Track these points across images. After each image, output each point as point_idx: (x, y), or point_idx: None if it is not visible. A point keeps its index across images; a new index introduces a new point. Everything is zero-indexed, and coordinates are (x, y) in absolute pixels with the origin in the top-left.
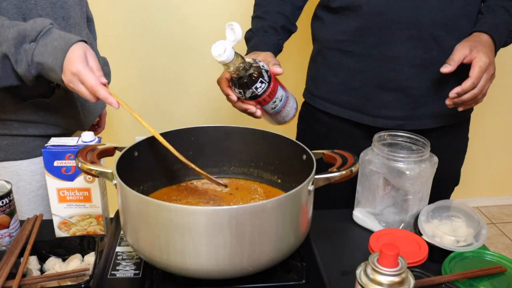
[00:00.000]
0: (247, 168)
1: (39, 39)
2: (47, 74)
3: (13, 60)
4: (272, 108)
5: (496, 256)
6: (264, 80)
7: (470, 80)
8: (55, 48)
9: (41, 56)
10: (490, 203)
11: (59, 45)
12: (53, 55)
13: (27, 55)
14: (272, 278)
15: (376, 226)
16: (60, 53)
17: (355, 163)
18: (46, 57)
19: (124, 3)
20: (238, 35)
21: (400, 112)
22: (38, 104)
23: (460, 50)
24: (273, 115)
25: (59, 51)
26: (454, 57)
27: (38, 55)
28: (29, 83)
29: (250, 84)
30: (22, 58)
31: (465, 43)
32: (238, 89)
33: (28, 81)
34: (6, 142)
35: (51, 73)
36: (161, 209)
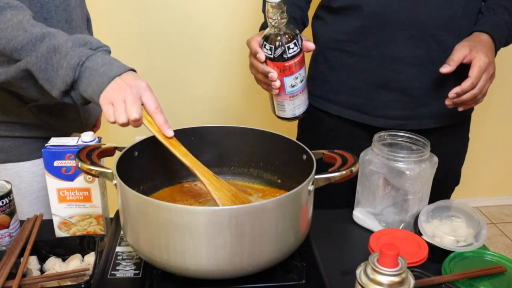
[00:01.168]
0: (247, 168)
1: (98, 51)
2: (86, 83)
3: (55, 60)
4: (291, 85)
5: (496, 256)
6: (298, 44)
7: (469, 80)
8: (112, 64)
9: (95, 62)
10: (490, 203)
11: (118, 64)
12: (109, 66)
13: (81, 57)
14: (272, 278)
15: (376, 226)
16: (117, 69)
17: (355, 163)
18: (100, 65)
19: (125, 3)
20: None
21: (400, 112)
22: (40, 107)
23: (460, 50)
24: (287, 98)
25: (117, 66)
26: (453, 57)
27: (92, 61)
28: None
29: (285, 42)
30: (71, 59)
31: (465, 43)
32: (270, 45)
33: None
34: (8, 144)
35: (94, 82)
36: (161, 209)
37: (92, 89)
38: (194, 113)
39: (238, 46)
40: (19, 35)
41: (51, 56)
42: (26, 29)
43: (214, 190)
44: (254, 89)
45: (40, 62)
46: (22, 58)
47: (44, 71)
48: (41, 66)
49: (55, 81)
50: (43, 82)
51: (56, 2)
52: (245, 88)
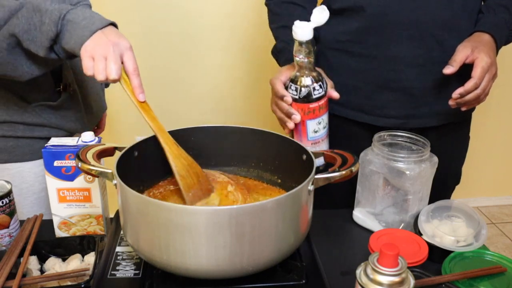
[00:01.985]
0: (247, 168)
1: (79, 5)
2: (68, 36)
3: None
4: (314, 130)
5: (496, 256)
6: (323, 87)
7: (472, 81)
8: (93, 17)
9: (76, 15)
10: (490, 203)
11: (99, 17)
12: (90, 19)
13: (62, 10)
14: (272, 278)
15: (376, 226)
16: (98, 22)
17: (355, 163)
18: (81, 18)
19: (125, 3)
20: (323, 20)
21: (401, 111)
22: (43, 108)
23: (462, 51)
24: (309, 144)
25: (98, 19)
26: (456, 58)
27: (73, 14)
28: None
29: (310, 83)
30: (52, 14)
31: (467, 44)
32: (295, 85)
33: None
34: (11, 144)
35: (75, 35)
36: (161, 209)
37: (74, 41)
38: (194, 113)
39: (238, 46)
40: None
41: (31, 16)
42: (3, 4)
43: (173, 157)
44: (254, 89)
45: (22, 23)
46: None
47: (27, 31)
48: (23, 27)
49: (40, 39)
50: (28, 43)
51: None
52: (245, 88)
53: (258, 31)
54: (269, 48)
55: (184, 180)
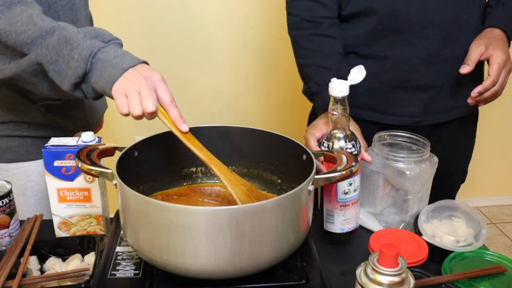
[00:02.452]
0: (247, 168)
1: (111, 43)
2: (98, 75)
3: (66, 52)
4: (344, 191)
5: (496, 256)
6: (356, 147)
7: (490, 78)
8: (125, 56)
9: (107, 54)
10: (490, 203)
11: (131, 56)
12: (121, 58)
13: (93, 48)
14: (272, 278)
15: (376, 226)
16: (130, 61)
17: (355, 163)
18: (112, 57)
19: (126, 3)
20: (360, 79)
21: (415, 109)
22: (48, 107)
23: (476, 49)
24: (338, 207)
25: (130, 58)
26: (471, 57)
27: (104, 53)
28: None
29: (343, 141)
30: (83, 50)
31: (480, 41)
32: (328, 142)
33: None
34: (16, 143)
35: (106, 73)
36: (161, 209)
37: (104, 81)
38: (194, 113)
39: (238, 46)
40: (29, 29)
41: (62, 48)
42: (35, 23)
43: (230, 185)
44: (255, 89)
45: (51, 53)
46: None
47: (55, 63)
48: (52, 58)
49: (66, 73)
50: (54, 74)
51: (63, 2)
52: (246, 88)
53: (258, 31)
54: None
55: None
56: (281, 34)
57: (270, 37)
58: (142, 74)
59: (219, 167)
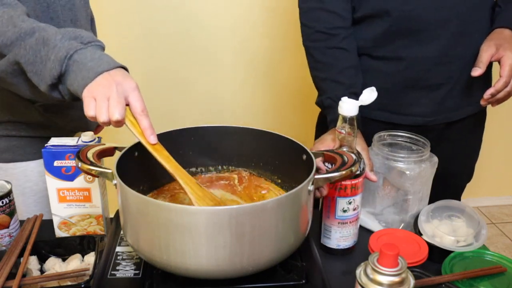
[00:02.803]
0: (247, 168)
1: (90, 45)
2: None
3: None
4: (342, 209)
5: (496, 256)
6: (360, 166)
7: (502, 80)
8: (101, 59)
9: (84, 56)
10: (490, 203)
11: (108, 60)
12: (97, 61)
13: (69, 50)
14: (272, 278)
15: (376, 226)
16: (106, 65)
17: (355, 163)
18: (89, 59)
19: (127, 4)
20: (370, 100)
21: (428, 108)
22: (46, 107)
23: (487, 51)
24: (335, 223)
25: (106, 62)
26: (482, 59)
27: (81, 55)
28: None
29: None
30: (59, 51)
31: (490, 42)
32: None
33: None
34: (14, 143)
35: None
36: (161, 209)
37: (78, 83)
38: (194, 113)
39: (238, 46)
40: (9, 30)
41: (39, 49)
42: (16, 24)
43: (196, 199)
44: (254, 89)
45: (28, 54)
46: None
47: (32, 63)
48: (29, 58)
49: (43, 74)
50: (32, 75)
51: (62, 2)
52: (246, 88)
53: (258, 32)
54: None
55: None
56: (281, 34)
57: (270, 37)
58: (115, 80)
59: (186, 179)
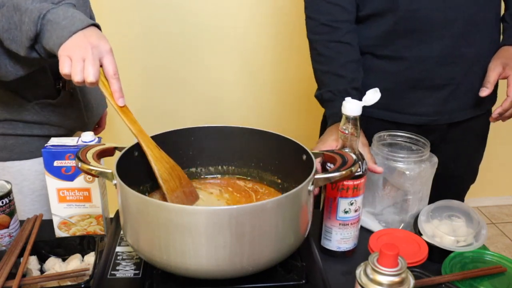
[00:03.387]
0: (247, 168)
1: (61, 4)
2: (48, 36)
3: (16, 18)
4: (344, 210)
5: (496, 256)
6: (361, 168)
7: (509, 100)
8: (74, 17)
9: (57, 15)
10: (490, 203)
11: (81, 17)
12: (71, 19)
13: (42, 10)
14: (272, 278)
15: (376, 226)
16: (79, 23)
17: (355, 163)
18: (62, 18)
19: (127, 2)
20: (374, 101)
21: (432, 108)
22: (43, 105)
23: (494, 70)
24: (336, 224)
25: (79, 20)
26: (489, 79)
27: (53, 14)
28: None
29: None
30: (32, 13)
31: (497, 61)
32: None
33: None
34: (11, 142)
35: (54, 35)
36: (161, 209)
37: (53, 42)
38: (194, 113)
39: (238, 46)
40: None
41: (11, 15)
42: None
43: (154, 161)
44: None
45: (2, 22)
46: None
47: (8, 30)
48: (3, 26)
49: (20, 38)
50: (9, 43)
51: None
52: (245, 88)
53: (258, 31)
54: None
55: (167, 183)
56: (282, 34)
57: (270, 37)
58: (90, 42)
59: (147, 142)
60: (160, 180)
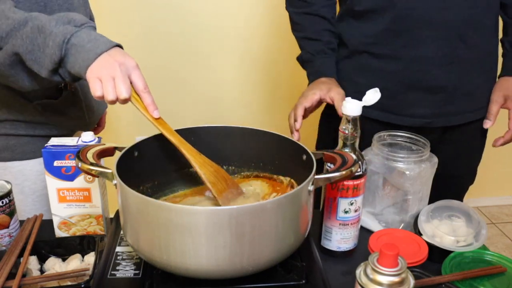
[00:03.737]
0: (247, 168)
1: (83, 27)
2: (73, 60)
3: (40, 40)
4: (344, 210)
5: (496, 256)
6: (361, 168)
7: (510, 132)
8: (98, 40)
9: (81, 39)
10: (490, 203)
11: (104, 40)
12: (95, 42)
13: (66, 34)
14: (272, 278)
15: (376, 226)
16: (103, 45)
17: (355, 163)
18: (86, 41)
19: (127, 2)
20: (374, 101)
21: (428, 110)
22: (45, 105)
23: (497, 102)
24: (336, 224)
25: (103, 42)
26: (492, 111)
27: (77, 38)
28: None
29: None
30: (56, 37)
31: (499, 93)
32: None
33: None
34: (13, 142)
35: (80, 58)
36: (161, 209)
37: (79, 65)
38: (194, 113)
39: (238, 46)
40: (2, 23)
41: (35, 37)
42: (8, 17)
43: (199, 166)
44: (255, 89)
45: (26, 43)
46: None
47: (31, 52)
48: (27, 47)
49: (43, 60)
50: (31, 63)
51: (60, 1)
52: (246, 88)
53: (259, 31)
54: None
55: (215, 186)
56: (281, 34)
57: (270, 37)
58: (116, 60)
59: (189, 150)
60: (209, 184)
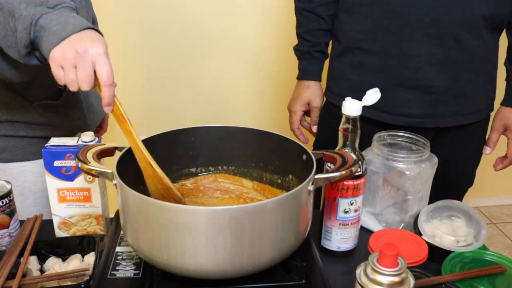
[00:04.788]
0: (247, 168)
1: (57, 8)
2: (41, 42)
3: (12, 24)
4: (344, 210)
5: (496, 256)
6: (361, 168)
7: (508, 160)
8: (67, 22)
9: (49, 20)
10: (490, 203)
11: (75, 22)
12: (63, 25)
13: (34, 15)
14: (272, 278)
15: (376, 226)
16: (71, 27)
17: (355, 163)
18: (54, 23)
19: (126, 3)
20: (374, 100)
21: (419, 110)
22: (45, 107)
23: (497, 130)
24: (336, 224)
25: (72, 24)
26: (492, 139)
27: (46, 19)
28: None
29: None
30: (25, 20)
31: (500, 122)
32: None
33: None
34: (13, 143)
35: (47, 40)
36: (161, 209)
37: (44, 49)
38: (194, 113)
39: (238, 46)
40: None
41: (7, 21)
42: None
43: (146, 178)
44: (255, 89)
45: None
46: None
47: (5, 37)
48: (1, 33)
49: (16, 45)
50: (8, 49)
51: None
52: (245, 88)
53: (259, 31)
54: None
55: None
56: (281, 34)
57: (270, 37)
58: (80, 46)
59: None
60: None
